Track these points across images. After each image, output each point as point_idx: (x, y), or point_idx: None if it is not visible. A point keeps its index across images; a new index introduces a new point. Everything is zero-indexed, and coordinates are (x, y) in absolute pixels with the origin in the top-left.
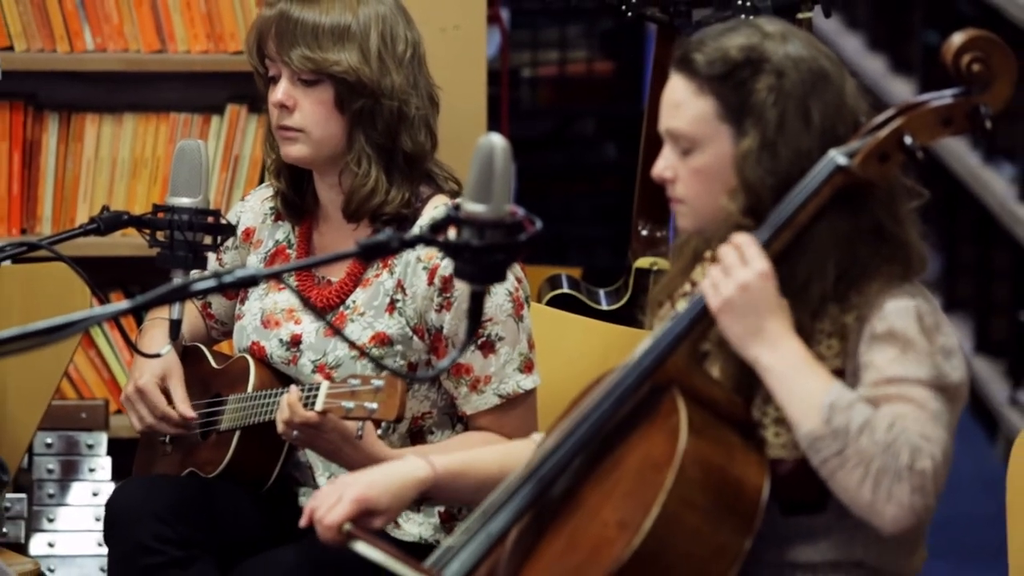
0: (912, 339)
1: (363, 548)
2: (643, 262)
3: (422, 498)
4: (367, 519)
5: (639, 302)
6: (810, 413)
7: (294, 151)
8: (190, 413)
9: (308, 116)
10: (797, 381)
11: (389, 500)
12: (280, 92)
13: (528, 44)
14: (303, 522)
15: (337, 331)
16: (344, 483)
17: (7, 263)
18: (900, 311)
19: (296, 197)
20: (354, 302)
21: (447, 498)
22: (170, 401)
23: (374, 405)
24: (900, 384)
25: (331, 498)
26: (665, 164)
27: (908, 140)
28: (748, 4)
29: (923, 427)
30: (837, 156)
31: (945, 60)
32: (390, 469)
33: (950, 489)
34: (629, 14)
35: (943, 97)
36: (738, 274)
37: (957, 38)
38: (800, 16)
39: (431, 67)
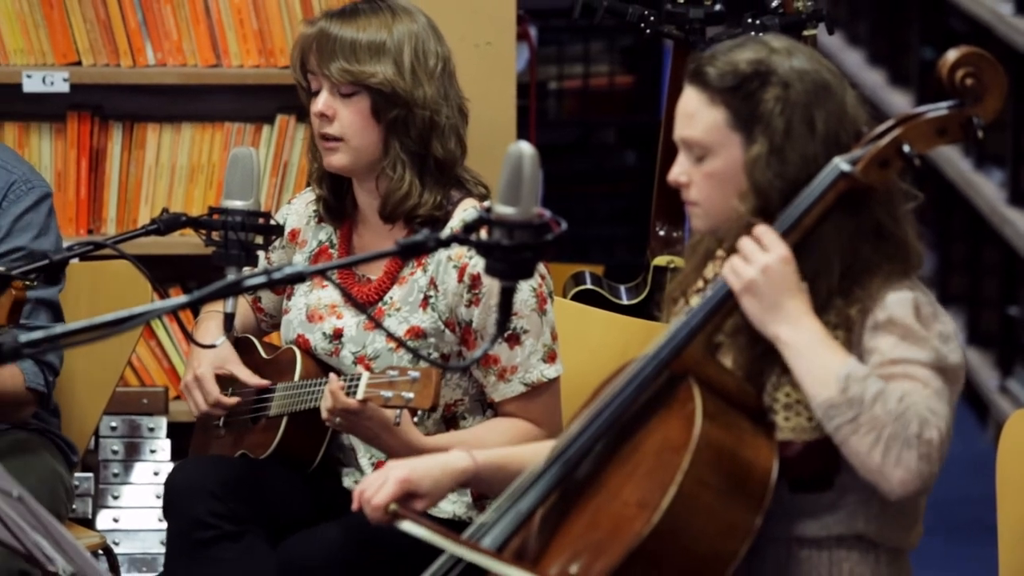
0: (911, 326)
1: (408, 526)
2: (660, 260)
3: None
4: (410, 500)
5: (657, 298)
6: (828, 383)
7: (335, 160)
8: (260, 381)
9: (347, 125)
10: (816, 355)
11: (430, 485)
12: (321, 103)
13: (554, 59)
14: (354, 507)
15: (378, 323)
16: (390, 467)
17: (75, 261)
18: (900, 302)
19: (336, 202)
20: (391, 298)
21: (486, 488)
22: (226, 388)
23: (411, 395)
24: (903, 364)
25: (378, 481)
26: (680, 170)
27: (906, 148)
28: (757, 22)
29: (929, 402)
30: (841, 163)
31: (940, 75)
32: (434, 458)
33: (944, 470)
34: (648, 31)
35: (938, 109)
36: (760, 258)
37: (951, 54)
38: (805, 33)
39: (466, 81)
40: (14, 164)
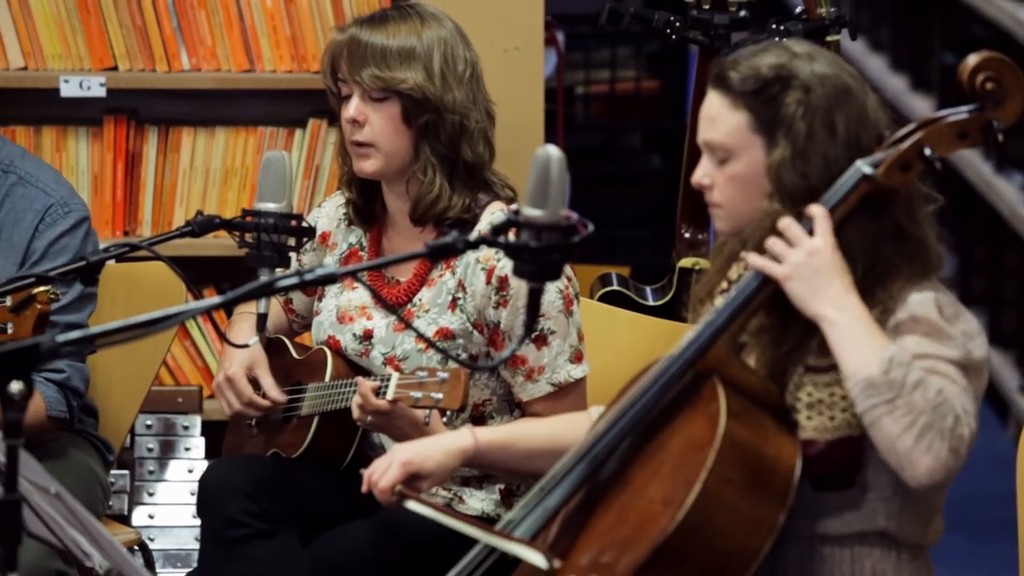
0: (935, 323)
1: (414, 506)
2: (686, 262)
3: (480, 474)
4: (415, 482)
5: (682, 298)
6: (870, 361)
7: (367, 166)
8: (281, 397)
9: (378, 130)
10: (859, 334)
11: (433, 465)
12: (352, 109)
13: (581, 64)
14: (364, 489)
15: (408, 323)
16: (394, 450)
17: (112, 262)
18: (922, 301)
19: (366, 206)
20: (420, 300)
21: (495, 467)
22: (258, 388)
23: (440, 395)
24: (930, 360)
25: (384, 464)
26: (703, 172)
27: (927, 151)
28: (781, 28)
29: (962, 399)
30: (863, 166)
31: (961, 79)
32: (437, 439)
33: (965, 468)
34: (674, 37)
35: (959, 113)
36: (806, 242)
37: (972, 59)
38: (828, 38)
39: (494, 85)
40: (53, 187)
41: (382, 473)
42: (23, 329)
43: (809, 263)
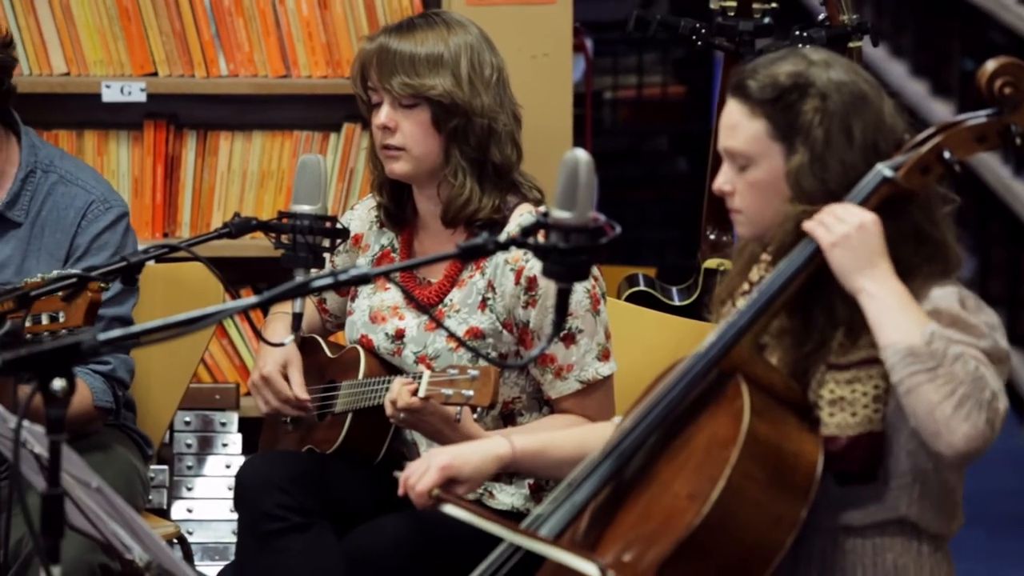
0: (959, 314)
1: (451, 509)
2: (711, 263)
3: (510, 473)
4: (452, 486)
5: (707, 299)
6: (912, 332)
7: (398, 168)
8: (305, 396)
9: (409, 136)
10: (901, 308)
11: (471, 471)
12: (383, 116)
13: (609, 70)
14: (400, 492)
15: (439, 323)
16: (432, 454)
17: (151, 263)
18: (944, 295)
19: (397, 209)
20: (451, 300)
21: (528, 473)
22: (291, 387)
23: (470, 392)
24: (959, 345)
25: (421, 468)
26: (724, 179)
27: (947, 155)
28: (804, 34)
29: (995, 380)
30: (884, 169)
31: (980, 84)
32: (474, 445)
33: (983, 465)
34: (699, 43)
35: (978, 117)
36: (854, 217)
37: (990, 64)
38: (851, 45)
39: (524, 91)
40: (93, 184)
41: (419, 476)
42: (74, 318)
43: (857, 235)
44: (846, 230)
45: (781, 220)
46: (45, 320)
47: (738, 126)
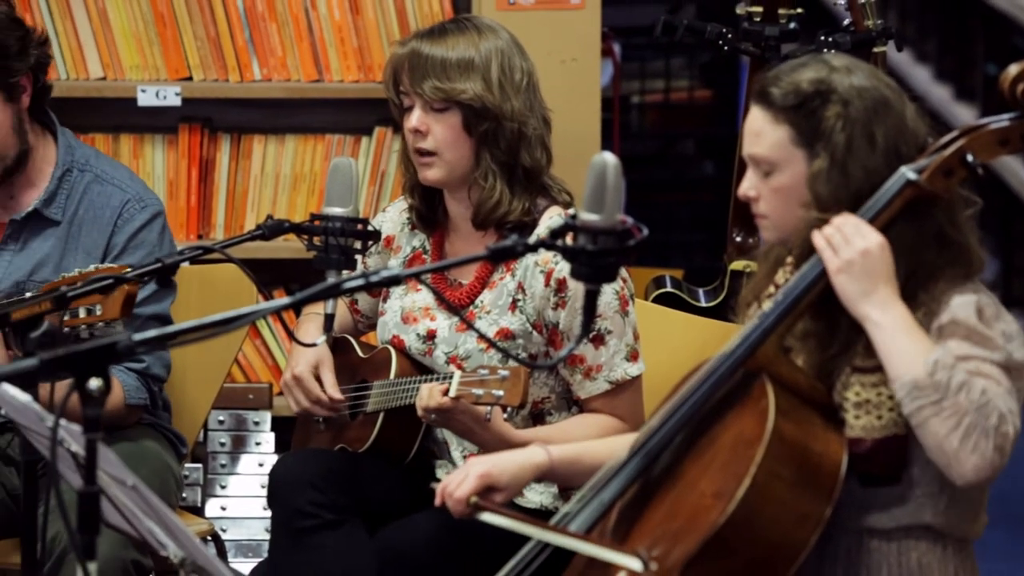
0: (975, 326)
1: (489, 516)
2: (737, 265)
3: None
4: (490, 494)
5: (733, 300)
6: (915, 364)
7: (431, 175)
8: (338, 395)
9: (440, 139)
10: (905, 338)
11: (508, 479)
12: (415, 119)
13: (637, 74)
14: (437, 502)
15: (469, 324)
16: (470, 463)
17: (186, 264)
18: (963, 304)
19: (428, 212)
20: (482, 301)
21: (562, 481)
22: (323, 387)
23: (500, 392)
24: (974, 361)
25: (459, 476)
26: (748, 185)
27: (970, 158)
28: (830, 39)
29: (1006, 400)
30: (908, 172)
31: (1002, 88)
32: (512, 454)
33: (1007, 467)
34: (726, 48)
35: (1000, 120)
36: (859, 241)
37: (1013, 69)
38: (875, 50)
39: (553, 95)
40: (128, 183)
41: (457, 484)
42: (111, 311)
43: (861, 262)
44: (850, 256)
45: (803, 226)
46: (82, 313)
47: (762, 133)
